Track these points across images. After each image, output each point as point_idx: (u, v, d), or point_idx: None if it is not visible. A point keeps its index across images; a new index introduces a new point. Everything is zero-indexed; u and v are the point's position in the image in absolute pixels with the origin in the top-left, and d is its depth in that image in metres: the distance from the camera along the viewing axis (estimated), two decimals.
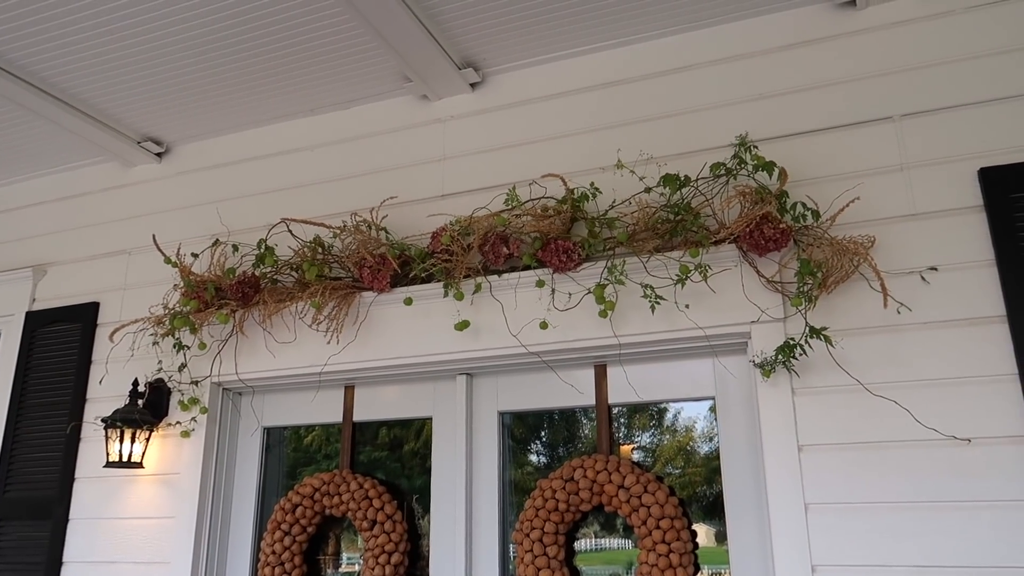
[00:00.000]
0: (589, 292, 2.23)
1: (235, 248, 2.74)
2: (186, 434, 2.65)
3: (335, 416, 2.71)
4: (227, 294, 2.62)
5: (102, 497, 2.78)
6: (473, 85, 2.70)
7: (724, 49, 2.41)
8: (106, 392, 2.87)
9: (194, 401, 2.66)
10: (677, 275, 2.12)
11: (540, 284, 2.29)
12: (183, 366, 2.70)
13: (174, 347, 2.67)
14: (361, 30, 2.44)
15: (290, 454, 2.85)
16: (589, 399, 2.39)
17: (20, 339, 3.10)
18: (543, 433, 2.60)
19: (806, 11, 2.35)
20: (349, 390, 2.70)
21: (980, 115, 2.08)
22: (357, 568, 2.65)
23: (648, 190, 2.26)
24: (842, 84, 2.25)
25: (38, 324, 3.10)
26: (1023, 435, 1.83)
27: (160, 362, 2.78)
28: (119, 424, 2.62)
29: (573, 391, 2.40)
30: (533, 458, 2.58)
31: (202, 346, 2.65)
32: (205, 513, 2.63)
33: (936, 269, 2.01)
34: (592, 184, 2.34)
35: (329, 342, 2.54)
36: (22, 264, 3.26)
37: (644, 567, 2.14)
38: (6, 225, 3.40)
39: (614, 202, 2.32)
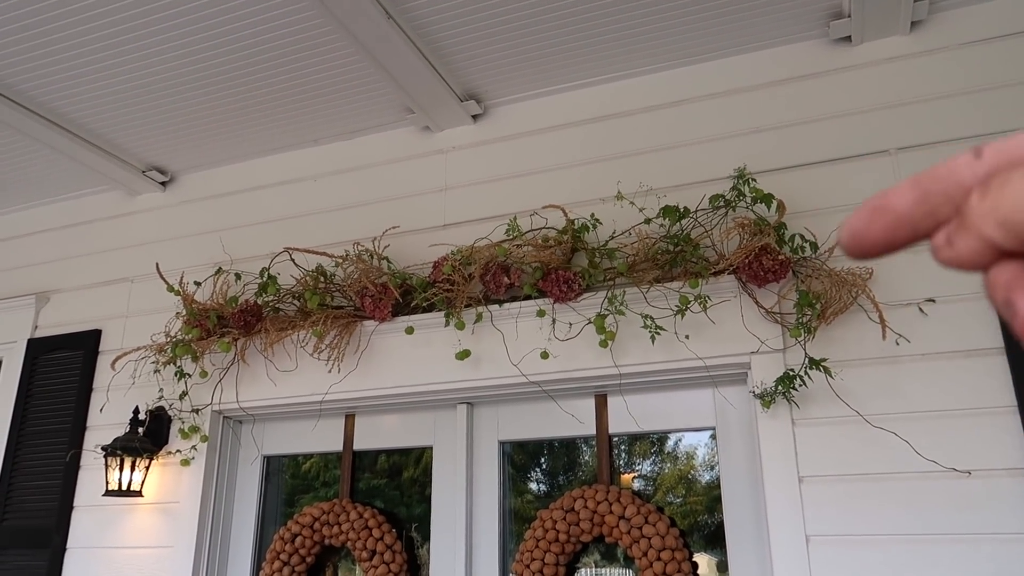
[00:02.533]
0: (589, 322, 2.25)
1: (238, 277, 2.76)
2: (186, 463, 2.65)
3: (335, 445, 2.70)
4: (229, 322, 2.63)
5: (100, 526, 2.77)
6: (475, 117, 2.74)
7: (723, 83, 2.45)
8: (107, 420, 2.87)
9: (195, 429, 2.65)
10: (677, 306, 2.13)
11: (541, 314, 2.30)
12: (184, 394, 2.70)
13: (175, 375, 2.67)
14: (364, 63, 2.48)
15: (288, 481, 2.84)
16: (590, 429, 2.39)
17: (21, 366, 3.10)
18: (544, 461, 2.60)
19: (803, 47, 2.39)
20: (349, 419, 2.71)
21: None
22: None
23: (648, 221, 2.28)
24: (839, 118, 2.28)
25: (40, 351, 3.10)
26: (1023, 467, 1.83)
27: (161, 390, 2.79)
28: (119, 452, 2.62)
29: (574, 421, 2.41)
30: (534, 486, 2.58)
31: (203, 374, 2.65)
32: (204, 542, 2.62)
33: (934, 301, 2.02)
34: (592, 215, 2.36)
35: (330, 371, 2.55)
36: (25, 291, 3.27)
37: None
38: (10, 252, 3.42)
39: (614, 233, 2.35)
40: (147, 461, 2.68)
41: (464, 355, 2.34)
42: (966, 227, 0.25)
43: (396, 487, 2.67)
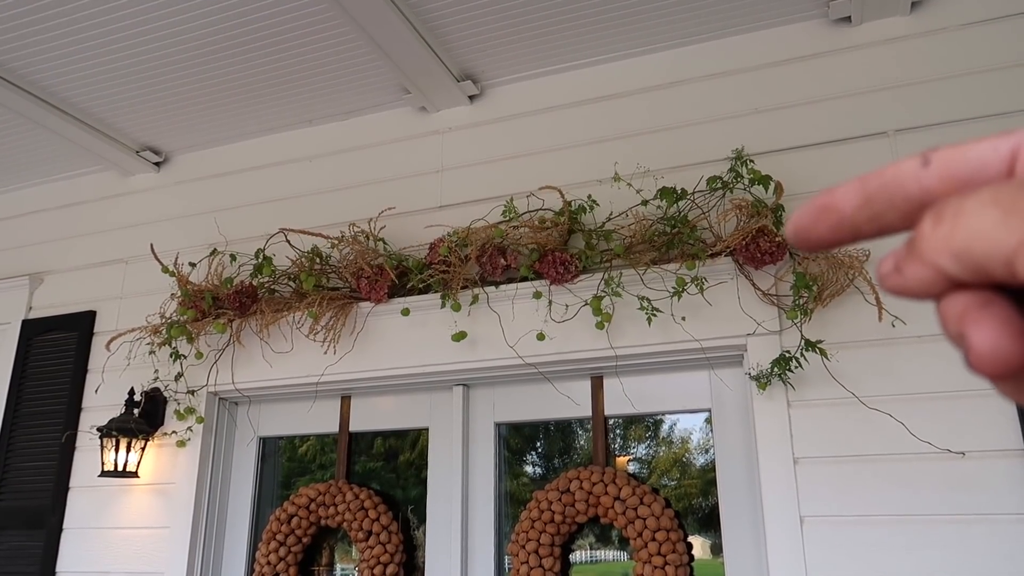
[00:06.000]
0: (586, 304, 2.24)
1: (233, 258, 2.75)
2: (182, 444, 2.65)
3: (331, 426, 2.70)
4: (224, 304, 2.62)
5: (96, 507, 2.77)
6: (471, 97, 2.72)
7: (721, 63, 2.44)
8: (102, 401, 2.87)
9: (190, 411, 2.65)
10: (673, 287, 2.13)
11: (537, 296, 2.30)
12: (179, 375, 2.70)
13: (171, 356, 2.67)
14: (360, 42, 2.45)
15: (285, 464, 2.85)
16: (585, 411, 2.39)
17: (16, 347, 3.09)
18: (539, 444, 2.61)
19: (802, 27, 2.37)
20: (345, 400, 2.70)
21: (973, 131, 2.10)
22: None
23: (645, 203, 2.27)
24: (837, 99, 2.27)
25: (34, 332, 3.09)
26: (1016, 449, 1.84)
27: (156, 371, 2.78)
28: (114, 433, 2.62)
29: (569, 403, 2.41)
30: (529, 469, 2.58)
31: (199, 356, 2.65)
32: (200, 523, 2.63)
33: None
34: (589, 196, 2.35)
35: (326, 352, 2.54)
36: (19, 272, 3.25)
37: None
38: (4, 233, 3.40)
39: (611, 214, 2.34)
40: (143, 442, 2.68)
41: (460, 337, 2.34)
42: (917, 256, 0.24)
43: (392, 470, 2.67)
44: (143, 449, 2.68)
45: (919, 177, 0.25)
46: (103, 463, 2.62)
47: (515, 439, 2.57)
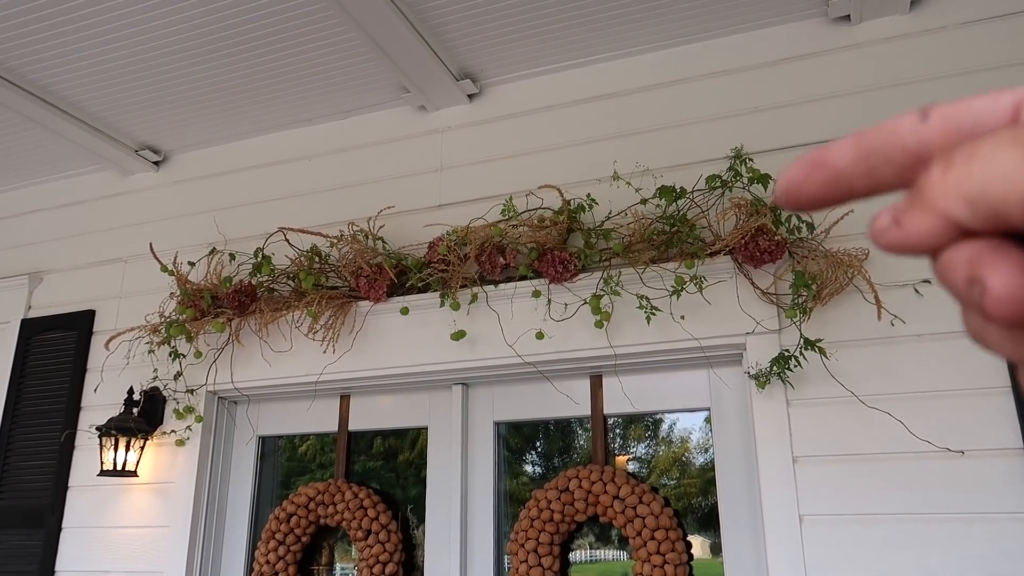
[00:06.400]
0: (585, 303, 2.24)
1: (232, 257, 2.74)
2: (181, 443, 2.65)
3: (331, 425, 2.70)
4: (223, 303, 2.62)
5: (96, 506, 2.77)
6: (470, 96, 2.72)
7: (720, 62, 2.43)
8: (101, 400, 2.86)
9: (189, 410, 2.65)
10: (672, 286, 2.13)
11: (536, 295, 2.30)
12: (179, 374, 2.69)
13: (170, 355, 2.67)
14: (359, 41, 2.45)
15: (284, 464, 2.84)
16: (584, 409, 2.39)
17: (15, 347, 3.09)
18: (538, 443, 2.61)
19: (801, 26, 2.37)
20: (345, 399, 2.70)
21: None
22: None
23: (644, 202, 2.27)
24: (837, 98, 2.27)
25: (33, 332, 3.09)
26: (1015, 447, 1.84)
27: (155, 370, 2.78)
28: (113, 432, 2.62)
29: (569, 401, 2.41)
30: (528, 468, 2.58)
31: (198, 355, 2.65)
32: (199, 522, 2.63)
33: (929, 282, 2.02)
34: (588, 195, 2.35)
35: (325, 351, 2.54)
36: (18, 271, 3.25)
37: None
38: (3, 232, 3.40)
39: (610, 213, 2.33)
40: (142, 441, 2.67)
41: (459, 336, 2.34)
42: (923, 205, 0.23)
43: (392, 469, 2.67)
44: (142, 448, 2.68)
45: (917, 130, 0.24)
46: (102, 462, 2.62)
47: (514, 438, 2.57)
